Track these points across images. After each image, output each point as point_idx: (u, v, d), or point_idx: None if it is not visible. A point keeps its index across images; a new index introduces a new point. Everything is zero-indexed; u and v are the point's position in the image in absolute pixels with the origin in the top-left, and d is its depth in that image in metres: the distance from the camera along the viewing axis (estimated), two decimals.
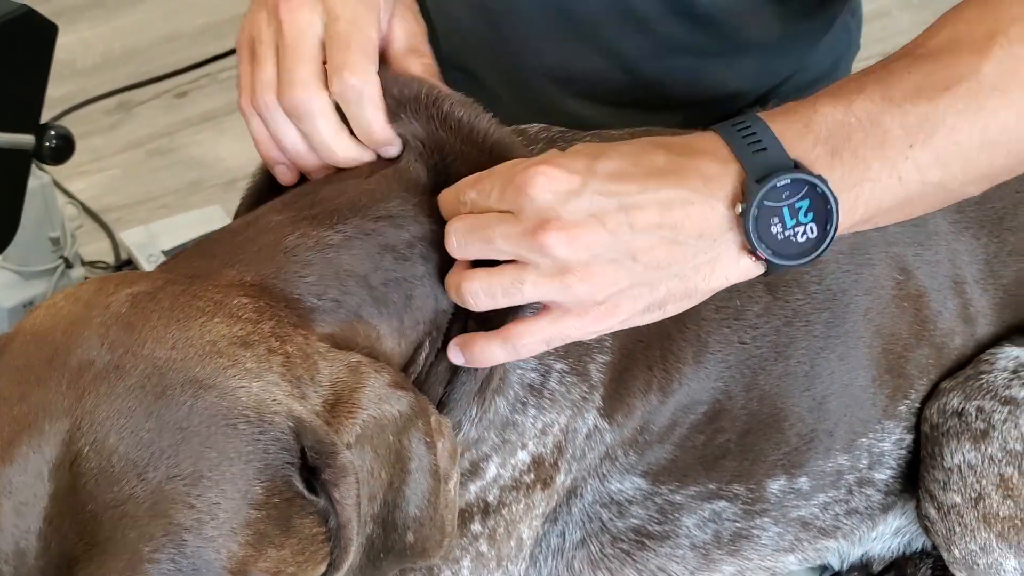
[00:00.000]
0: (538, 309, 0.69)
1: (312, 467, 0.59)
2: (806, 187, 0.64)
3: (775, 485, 0.86)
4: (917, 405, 0.87)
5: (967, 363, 0.87)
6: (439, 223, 0.71)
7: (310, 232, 0.69)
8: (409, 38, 0.78)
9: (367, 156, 0.75)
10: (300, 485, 0.59)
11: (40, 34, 1.08)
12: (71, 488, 0.55)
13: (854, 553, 0.94)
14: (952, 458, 0.82)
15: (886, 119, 0.66)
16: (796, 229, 0.64)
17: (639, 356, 0.79)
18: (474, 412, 0.74)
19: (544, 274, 0.65)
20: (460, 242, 0.69)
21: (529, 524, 0.79)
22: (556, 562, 0.85)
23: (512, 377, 0.75)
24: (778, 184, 0.63)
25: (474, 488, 0.76)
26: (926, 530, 0.87)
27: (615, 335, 0.77)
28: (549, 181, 0.65)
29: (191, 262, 0.69)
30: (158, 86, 1.77)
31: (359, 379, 0.63)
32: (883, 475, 0.89)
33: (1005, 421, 0.81)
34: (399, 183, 0.73)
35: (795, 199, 0.64)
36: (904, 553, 0.94)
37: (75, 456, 0.56)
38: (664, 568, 0.87)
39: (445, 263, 0.71)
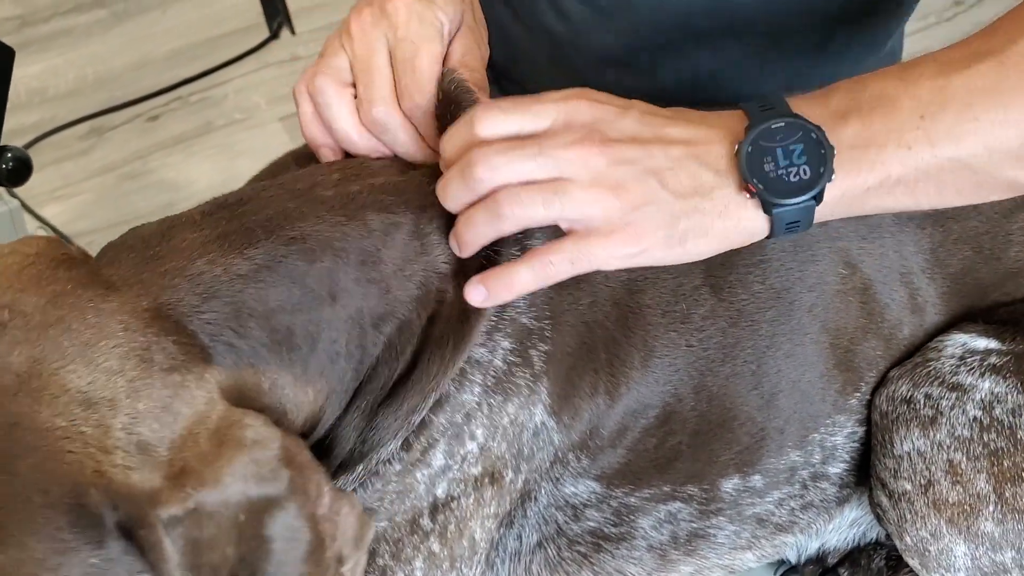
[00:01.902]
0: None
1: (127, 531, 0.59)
2: (800, 131, 0.67)
3: (729, 484, 0.86)
4: (868, 398, 0.87)
5: (916, 353, 0.87)
6: (362, 247, 0.71)
7: (219, 259, 0.67)
8: (464, 55, 0.81)
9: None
10: (118, 550, 0.58)
11: None
12: None
13: (811, 546, 0.94)
14: (902, 445, 0.83)
15: (899, 92, 0.67)
16: (789, 169, 0.67)
17: (585, 358, 0.79)
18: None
19: (582, 186, 0.68)
20: (491, 164, 0.68)
21: (481, 524, 0.79)
22: (514, 565, 0.85)
23: (468, 363, 0.75)
24: (772, 126, 0.67)
25: (421, 477, 0.76)
26: (878, 518, 0.87)
27: (558, 328, 0.77)
28: (594, 104, 0.70)
29: (115, 258, 0.68)
30: (130, 111, 1.79)
31: (220, 451, 0.61)
32: (837, 468, 0.89)
33: (953, 407, 0.81)
34: (338, 200, 0.72)
35: (789, 141, 0.67)
36: (859, 544, 0.94)
37: None
38: (621, 570, 0.87)
39: (363, 305, 0.70)
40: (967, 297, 0.87)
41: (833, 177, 0.67)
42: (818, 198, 0.67)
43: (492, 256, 0.73)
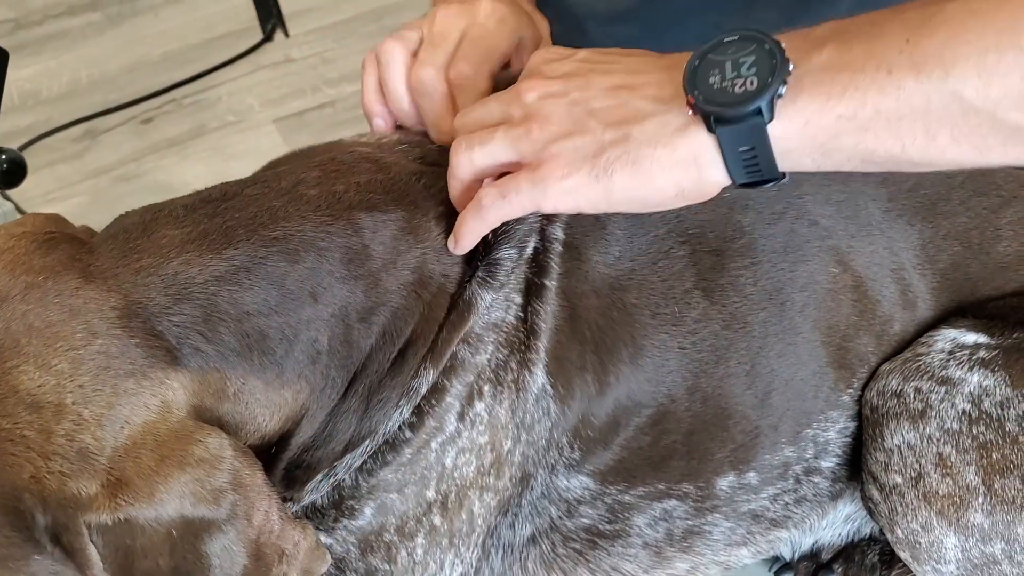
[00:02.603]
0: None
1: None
2: (754, 44, 0.63)
3: (724, 482, 0.87)
4: (859, 393, 0.88)
5: (907, 348, 0.88)
6: (348, 245, 0.71)
7: (196, 259, 0.67)
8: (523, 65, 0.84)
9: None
10: (58, 554, 0.59)
11: None
12: None
13: (805, 542, 0.95)
14: (892, 439, 0.83)
15: (886, 19, 0.61)
16: (735, 80, 0.62)
17: (572, 331, 0.80)
18: (429, 376, 0.75)
19: (514, 124, 0.71)
20: (461, 115, 0.76)
21: (480, 496, 0.80)
22: (508, 559, 0.85)
23: (476, 327, 0.76)
24: (725, 39, 0.64)
25: (436, 446, 0.76)
26: (870, 512, 0.88)
27: (555, 295, 0.78)
28: (545, 52, 0.75)
29: (98, 244, 0.68)
30: (124, 113, 1.79)
31: (160, 467, 0.60)
32: (830, 463, 0.90)
33: (942, 401, 0.82)
34: (323, 198, 0.73)
35: (740, 54, 0.63)
36: (853, 540, 0.95)
37: None
38: (617, 567, 0.88)
39: (348, 301, 0.70)
40: (957, 292, 0.88)
41: (788, 96, 0.61)
42: (766, 112, 0.61)
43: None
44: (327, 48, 1.89)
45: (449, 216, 0.76)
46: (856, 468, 0.90)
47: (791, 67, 0.61)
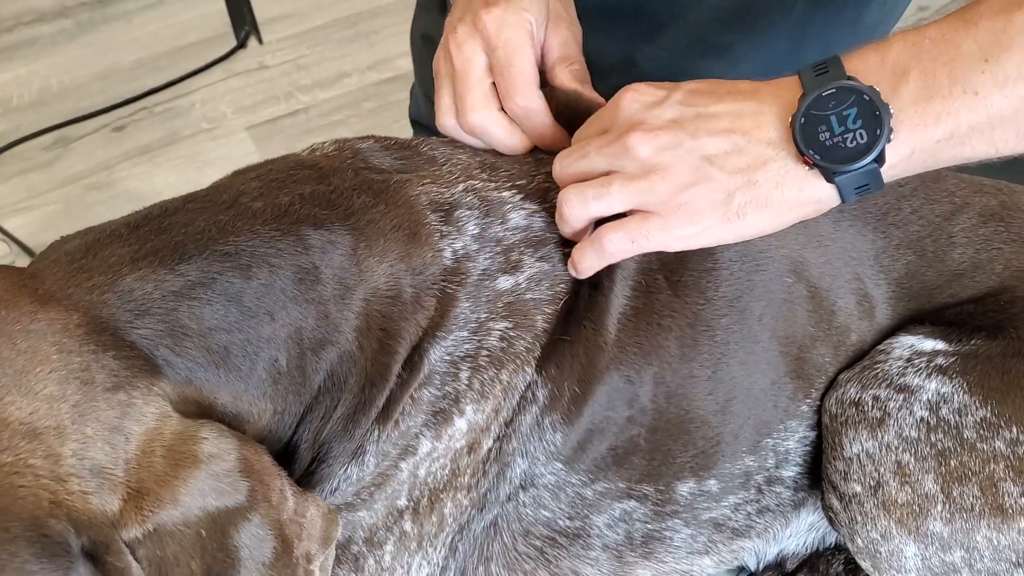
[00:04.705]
0: None
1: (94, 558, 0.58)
2: (853, 95, 0.68)
3: (684, 488, 0.87)
4: (818, 403, 0.88)
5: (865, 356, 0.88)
6: (298, 264, 0.71)
7: (150, 275, 0.66)
8: (561, 47, 0.87)
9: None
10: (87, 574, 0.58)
11: None
12: None
13: (770, 552, 0.94)
14: (851, 447, 0.83)
15: (958, 36, 0.66)
16: (845, 135, 0.68)
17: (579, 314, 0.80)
18: (377, 435, 0.75)
19: (629, 177, 0.73)
20: (562, 164, 0.78)
21: (453, 497, 0.79)
22: (472, 556, 0.84)
23: (436, 366, 0.76)
24: (823, 93, 0.68)
25: (406, 466, 0.76)
26: (831, 521, 0.87)
27: (568, 291, 0.79)
28: (637, 94, 0.75)
29: (39, 272, 0.67)
30: (95, 121, 1.78)
31: (176, 469, 0.60)
32: (791, 472, 0.89)
33: (900, 408, 0.82)
34: (270, 211, 0.72)
35: (842, 107, 0.68)
36: (817, 549, 0.95)
37: None
38: (577, 570, 0.88)
39: (302, 324, 0.70)
40: (914, 300, 0.88)
41: (893, 136, 0.67)
42: (879, 160, 0.68)
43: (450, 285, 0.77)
44: (301, 55, 1.89)
45: (390, 248, 0.75)
46: (818, 477, 0.89)
47: (891, 110, 0.67)
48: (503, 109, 0.84)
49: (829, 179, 0.69)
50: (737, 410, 0.85)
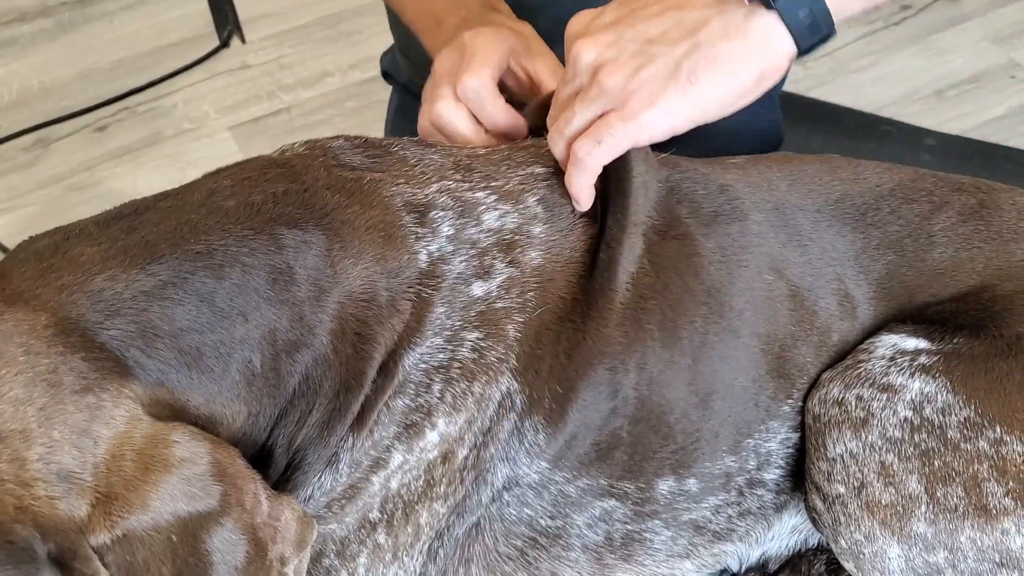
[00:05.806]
0: None
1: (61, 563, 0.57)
2: None
3: (664, 485, 0.86)
4: (800, 404, 0.87)
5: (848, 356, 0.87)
6: (272, 264, 0.70)
7: (120, 275, 0.65)
8: (553, 71, 0.90)
9: (497, 142, 0.87)
10: None
11: None
12: None
13: (752, 555, 0.94)
14: (835, 448, 0.82)
15: None
16: None
17: (551, 317, 0.79)
18: (351, 442, 0.74)
19: (586, 87, 0.76)
20: (559, 132, 0.80)
21: (428, 507, 0.78)
22: (452, 558, 0.83)
23: (411, 374, 0.75)
24: None
25: (377, 480, 0.75)
26: (814, 522, 0.86)
27: (535, 298, 0.78)
28: (577, 17, 0.80)
29: (6, 272, 0.66)
30: (76, 121, 1.77)
31: (146, 474, 0.59)
32: (773, 475, 0.89)
33: (884, 408, 0.81)
34: (243, 210, 0.71)
35: None
36: (800, 550, 0.94)
37: None
38: (556, 572, 0.87)
39: (276, 326, 0.69)
40: (895, 299, 0.87)
41: None
42: None
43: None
44: (284, 54, 1.88)
45: (365, 249, 0.74)
46: (800, 479, 0.89)
47: None
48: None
49: (769, 5, 0.72)
50: (717, 406, 0.85)
